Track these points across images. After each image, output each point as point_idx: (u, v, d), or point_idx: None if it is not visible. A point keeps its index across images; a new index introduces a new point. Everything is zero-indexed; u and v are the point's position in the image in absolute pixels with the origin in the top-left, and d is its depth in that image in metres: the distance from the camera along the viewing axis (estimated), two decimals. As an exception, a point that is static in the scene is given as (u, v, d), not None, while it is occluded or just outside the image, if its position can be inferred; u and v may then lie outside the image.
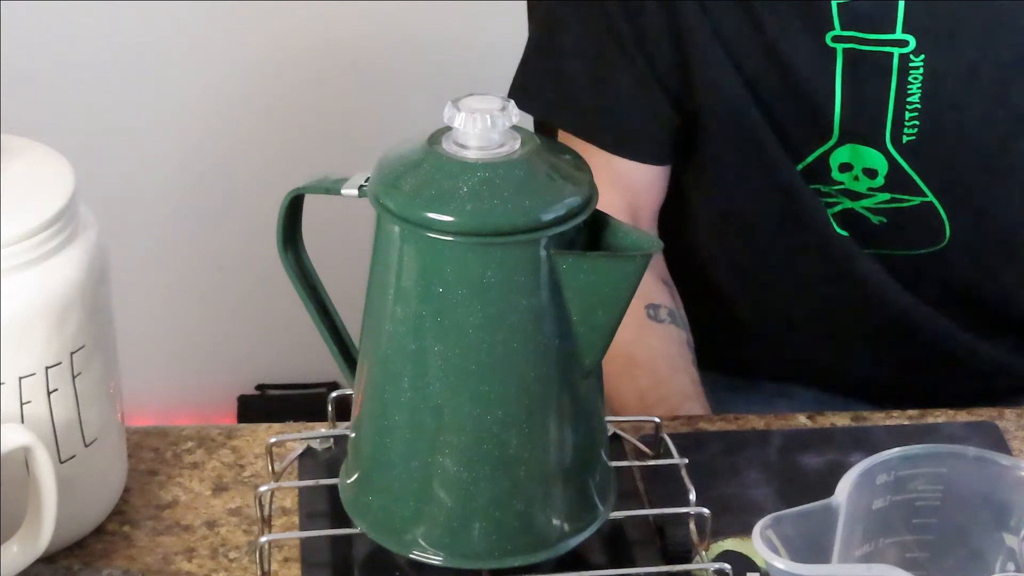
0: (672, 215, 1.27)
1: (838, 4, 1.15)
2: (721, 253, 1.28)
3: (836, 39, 1.16)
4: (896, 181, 1.20)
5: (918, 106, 1.17)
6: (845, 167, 1.20)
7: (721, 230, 1.27)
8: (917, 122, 1.17)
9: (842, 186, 1.21)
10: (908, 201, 1.21)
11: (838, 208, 1.22)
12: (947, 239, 1.22)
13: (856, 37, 1.16)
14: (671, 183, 1.27)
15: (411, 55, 1.99)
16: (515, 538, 0.87)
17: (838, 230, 1.22)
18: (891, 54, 1.16)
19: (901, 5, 1.14)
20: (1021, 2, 1.16)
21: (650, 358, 1.20)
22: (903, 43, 1.15)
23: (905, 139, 1.18)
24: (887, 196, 1.21)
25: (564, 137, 1.24)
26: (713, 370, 1.26)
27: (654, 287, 1.23)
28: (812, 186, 1.21)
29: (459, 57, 1.98)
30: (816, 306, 1.27)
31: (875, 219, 1.23)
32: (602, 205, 1.21)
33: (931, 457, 0.87)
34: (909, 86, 1.16)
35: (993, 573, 0.88)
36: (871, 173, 1.20)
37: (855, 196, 1.21)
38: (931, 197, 1.20)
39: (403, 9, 1.96)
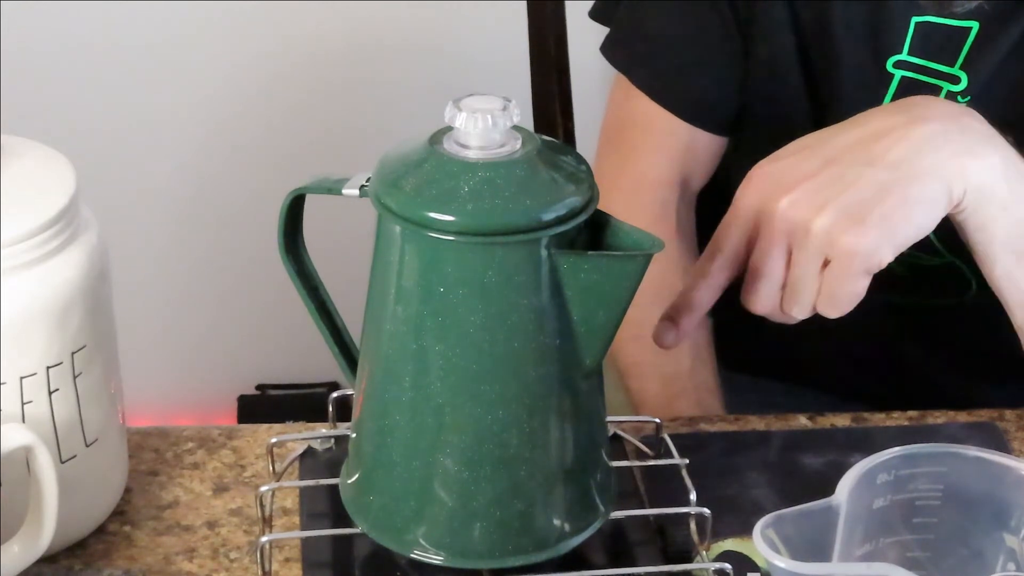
0: (707, 198, 1.26)
1: (917, 21, 1.13)
2: None
3: (898, 64, 1.14)
4: None
5: None
6: None
7: None
8: None
9: None
10: (928, 260, 1.19)
11: None
12: (974, 291, 1.20)
13: (918, 65, 1.13)
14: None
15: (412, 55, 1.99)
16: (516, 538, 0.87)
17: None
18: (939, 88, 1.13)
19: (971, 36, 1.12)
20: None
21: (679, 346, 1.18)
22: (955, 79, 1.13)
23: None
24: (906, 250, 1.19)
25: (633, 95, 1.24)
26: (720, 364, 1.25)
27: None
28: None
29: (460, 57, 1.99)
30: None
31: (898, 269, 1.21)
32: (656, 176, 1.23)
33: (931, 457, 0.87)
34: None
35: (993, 573, 0.88)
36: None
37: None
38: (950, 257, 1.19)
39: (404, 9, 1.96)
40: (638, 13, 1.24)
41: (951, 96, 1.13)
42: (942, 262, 1.19)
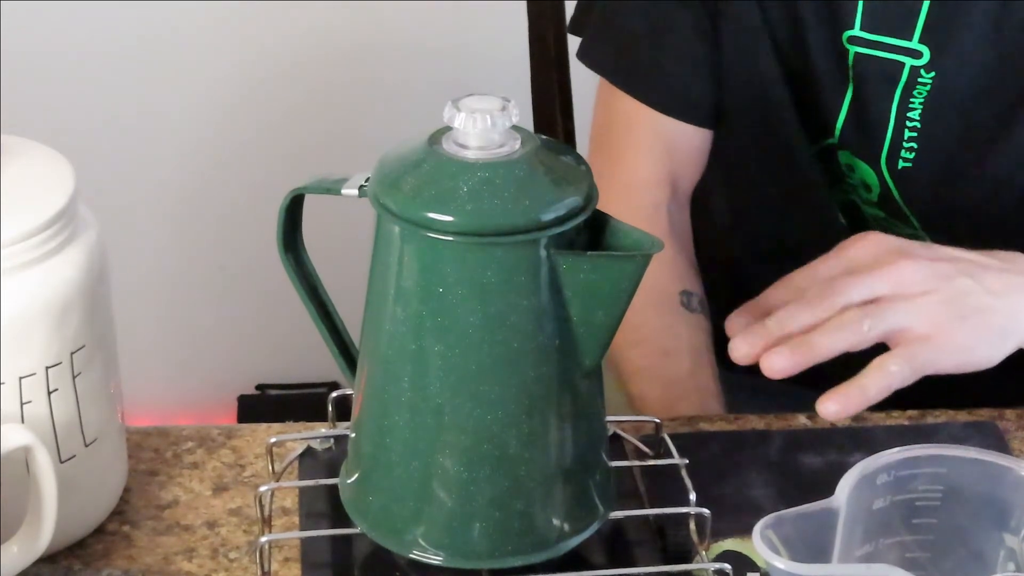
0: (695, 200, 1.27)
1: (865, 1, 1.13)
2: (736, 232, 1.27)
3: (852, 39, 1.14)
4: (888, 206, 1.19)
5: (917, 125, 1.15)
6: (849, 168, 1.19)
7: (737, 209, 1.26)
8: (915, 144, 1.16)
9: (849, 181, 1.20)
10: (899, 229, 1.20)
11: (848, 199, 1.21)
12: None
13: (872, 41, 1.14)
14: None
15: (411, 55, 1.99)
16: (515, 538, 0.87)
17: (841, 219, 1.21)
18: (902, 64, 1.14)
19: (924, 7, 1.12)
20: None
21: (678, 349, 1.18)
22: (917, 53, 1.13)
23: (901, 164, 1.16)
24: (882, 214, 1.20)
25: (615, 97, 1.24)
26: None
27: (688, 273, 1.21)
28: (829, 171, 1.20)
29: (459, 57, 1.99)
30: None
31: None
32: (644, 177, 1.24)
33: (931, 457, 0.87)
34: (912, 101, 1.15)
35: (993, 573, 0.88)
36: (866, 187, 1.19)
37: (862, 199, 1.20)
38: (921, 231, 1.19)
39: (404, 9, 1.96)
40: (609, 15, 1.25)
41: (914, 72, 1.14)
42: (911, 233, 1.20)
